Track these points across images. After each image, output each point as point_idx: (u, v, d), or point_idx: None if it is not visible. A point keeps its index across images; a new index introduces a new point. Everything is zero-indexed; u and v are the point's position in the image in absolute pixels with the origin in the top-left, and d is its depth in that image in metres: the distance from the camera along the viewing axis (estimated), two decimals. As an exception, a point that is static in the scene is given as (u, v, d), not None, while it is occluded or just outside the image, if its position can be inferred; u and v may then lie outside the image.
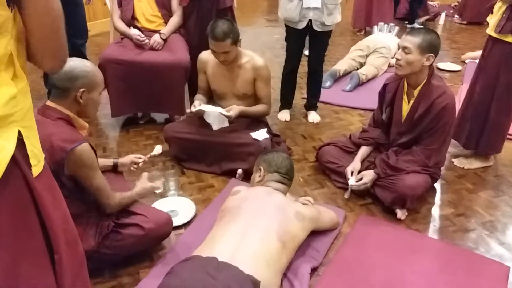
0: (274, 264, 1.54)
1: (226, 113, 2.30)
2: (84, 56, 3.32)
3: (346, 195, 2.21)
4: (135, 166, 2.03)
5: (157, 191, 1.87)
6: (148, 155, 2.05)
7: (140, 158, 2.03)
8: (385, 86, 2.29)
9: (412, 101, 2.13)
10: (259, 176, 1.90)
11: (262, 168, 1.91)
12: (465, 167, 2.55)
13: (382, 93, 2.32)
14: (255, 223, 1.61)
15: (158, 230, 1.72)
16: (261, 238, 1.56)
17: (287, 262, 1.64)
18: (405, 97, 2.18)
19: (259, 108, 2.47)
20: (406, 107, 2.18)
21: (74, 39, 3.21)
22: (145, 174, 1.84)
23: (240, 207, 1.70)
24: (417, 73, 2.06)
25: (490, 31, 2.29)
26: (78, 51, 3.28)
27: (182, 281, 1.36)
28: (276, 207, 1.70)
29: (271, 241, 1.57)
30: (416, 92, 2.11)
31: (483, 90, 2.40)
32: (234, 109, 2.34)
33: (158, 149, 2.10)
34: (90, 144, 1.54)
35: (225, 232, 1.59)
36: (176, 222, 1.98)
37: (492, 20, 2.30)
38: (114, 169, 2.00)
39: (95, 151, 1.58)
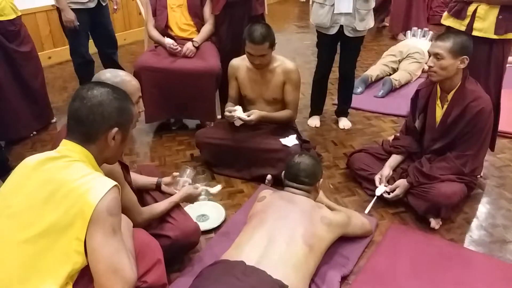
0: (301, 268, 1.54)
1: (245, 118, 2.31)
2: (117, 64, 3.43)
3: (366, 210, 2.12)
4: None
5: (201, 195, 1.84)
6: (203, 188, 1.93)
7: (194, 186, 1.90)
8: (417, 92, 2.25)
9: (445, 106, 2.08)
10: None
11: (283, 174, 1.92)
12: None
13: (414, 100, 2.27)
14: (280, 227, 1.62)
15: (185, 239, 1.71)
16: (287, 242, 1.56)
17: (314, 266, 1.62)
18: (438, 102, 2.13)
19: (283, 114, 2.46)
20: (439, 112, 2.12)
21: (105, 49, 3.33)
22: (181, 180, 1.84)
23: (266, 212, 1.71)
24: (451, 77, 2.00)
25: (488, 34, 2.18)
26: (110, 59, 3.39)
27: (211, 284, 1.38)
28: (301, 211, 1.69)
29: (297, 245, 1.57)
30: (449, 97, 2.06)
31: None
32: (255, 113, 2.35)
33: (217, 188, 1.99)
34: (119, 161, 1.50)
35: (251, 236, 1.60)
36: (206, 226, 2.01)
37: (483, 24, 2.19)
38: (158, 189, 1.92)
39: (126, 167, 1.57)
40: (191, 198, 1.83)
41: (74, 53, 3.15)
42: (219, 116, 3.02)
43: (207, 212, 2.11)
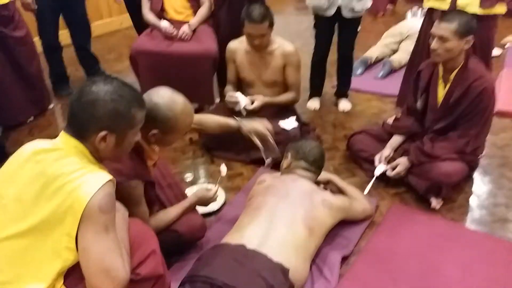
0: (302, 251, 1.53)
1: (248, 107, 2.30)
2: (90, 53, 3.34)
3: (366, 190, 2.10)
4: None
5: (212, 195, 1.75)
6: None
7: None
8: (419, 72, 2.21)
9: (448, 86, 2.04)
10: (286, 163, 1.90)
11: (289, 155, 1.90)
12: None
13: (416, 80, 2.23)
14: (281, 210, 1.61)
15: (191, 235, 1.68)
16: (287, 225, 1.55)
17: (315, 249, 1.62)
18: (440, 81, 2.09)
19: (286, 97, 2.44)
20: (442, 92, 2.09)
21: (76, 36, 3.22)
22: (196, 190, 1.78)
23: (266, 195, 1.70)
24: (455, 58, 1.97)
25: (473, 9, 2.18)
26: (82, 48, 3.28)
27: (211, 268, 1.37)
28: (302, 194, 1.68)
29: (297, 228, 1.56)
30: (452, 76, 2.02)
31: None
32: (258, 100, 2.32)
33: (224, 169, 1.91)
34: (146, 178, 1.48)
35: (252, 220, 1.59)
36: (206, 209, 2.00)
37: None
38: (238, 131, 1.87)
39: (151, 183, 1.52)
40: (204, 201, 1.74)
41: (40, 36, 3.07)
42: (217, 100, 2.99)
43: (207, 196, 2.09)
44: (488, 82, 1.97)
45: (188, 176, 2.28)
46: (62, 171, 1.07)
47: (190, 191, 2.05)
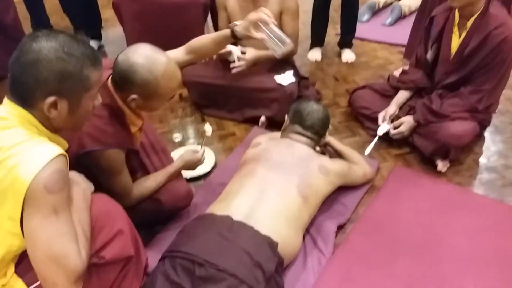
0: (294, 220, 1.42)
1: (240, 56, 2.10)
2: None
3: (367, 151, 1.94)
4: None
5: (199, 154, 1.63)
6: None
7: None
8: (431, 19, 1.97)
9: (464, 34, 1.82)
10: (284, 125, 1.75)
11: (287, 117, 1.74)
12: None
13: (428, 28, 2.00)
14: (274, 177, 1.47)
15: (175, 204, 1.56)
16: (280, 193, 1.43)
17: (309, 219, 1.51)
18: (455, 29, 1.86)
19: None
20: (456, 42, 1.87)
21: None
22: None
23: (259, 160, 1.56)
24: (474, 2, 1.72)
25: None
26: None
27: (193, 243, 1.26)
28: (298, 160, 1.54)
29: (291, 196, 1.44)
30: (469, 24, 1.79)
31: None
32: (250, 52, 2.11)
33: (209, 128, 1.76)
34: (129, 146, 1.36)
35: (240, 187, 1.46)
36: (195, 173, 1.87)
37: None
38: (234, 37, 1.54)
39: (135, 152, 1.40)
40: (191, 164, 1.61)
41: None
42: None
43: (195, 158, 1.95)
44: (510, 30, 1.74)
45: (177, 136, 2.14)
46: (2, 144, 0.91)
47: (177, 153, 1.91)
